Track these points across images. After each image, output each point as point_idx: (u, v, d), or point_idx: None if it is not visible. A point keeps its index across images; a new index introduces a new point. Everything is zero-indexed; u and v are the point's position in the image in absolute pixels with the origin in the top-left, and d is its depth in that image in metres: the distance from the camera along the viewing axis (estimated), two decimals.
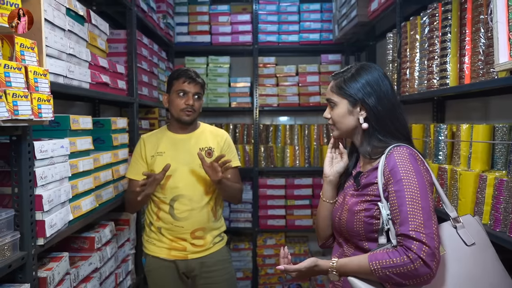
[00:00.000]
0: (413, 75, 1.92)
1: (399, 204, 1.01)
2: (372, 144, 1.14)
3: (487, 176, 1.37)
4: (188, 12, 3.26)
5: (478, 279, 1.02)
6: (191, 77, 1.77)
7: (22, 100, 0.93)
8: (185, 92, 1.76)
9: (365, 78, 1.16)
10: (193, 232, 1.78)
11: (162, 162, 1.74)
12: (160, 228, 1.80)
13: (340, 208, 1.21)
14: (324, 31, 3.25)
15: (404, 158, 1.07)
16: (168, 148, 1.80)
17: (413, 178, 1.03)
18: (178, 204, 1.77)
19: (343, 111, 1.17)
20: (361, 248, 1.14)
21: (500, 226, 1.30)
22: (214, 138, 1.87)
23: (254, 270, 3.28)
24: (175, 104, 1.78)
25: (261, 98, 3.30)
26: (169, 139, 1.83)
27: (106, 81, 1.71)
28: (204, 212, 1.79)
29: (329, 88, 1.22)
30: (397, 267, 0.94)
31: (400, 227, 0.98)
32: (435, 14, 1.70)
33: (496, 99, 1.72)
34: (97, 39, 1.67)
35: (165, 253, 1.79)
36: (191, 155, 1.77)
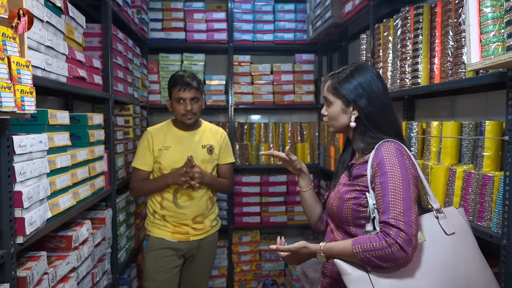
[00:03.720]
0: (386, 75, 2.01)
1: (383, 194, 1.08)
2: (364, 140, 1.23)
3: (457, 170, 1.47)
4: (162, 8, 3.21)
5: (455, 266, 1.09)
6: (186, 84, 1.94)
7: (5, 92, 0.90)
8: (183, 99, 1.96)
9: (358, 80, 1.23)
10: (194, 218, 2.04)
11: (168, 155, 2.01)
12: (165, 216, 2.04)
13: (333, 196, 1.29)
14: (298, 31, 3.32)
15: (391, 153, 1.14)
16: (174, 143, 2.02)
17: (397, 171, 1.11)
18: (181, 194, 2.02)
19: (338, 110, 1.26)
20: (349, 234, 1.22)
21: (469, 215, 1.40)
22: (214, 136, 2.11)
23: (230, 268, 3.29)
24: (176, 110, 2.00)
25: (236, 96, 3.32)
26: (175, 135, 2.05)
27: (83, 75, 1.67)
28: (203, 201, 2.06)
29: (326, 87, 1.30)
30: (376, 251, 1.01)
31: (382, 215, 1.06)
32: (407, 17, 1.79)
33: (462, 98, 1.84)
34: (74, 32, 1.62)
35: (169, 235, 2.04)
36: (194, 151, 2.02)
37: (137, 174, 2.05)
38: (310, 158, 3.37)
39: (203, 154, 2.06)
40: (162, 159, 2.00)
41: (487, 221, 1.31)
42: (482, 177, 1.34)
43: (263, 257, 3.32)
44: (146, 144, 2.02)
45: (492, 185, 1.30)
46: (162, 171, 2.03)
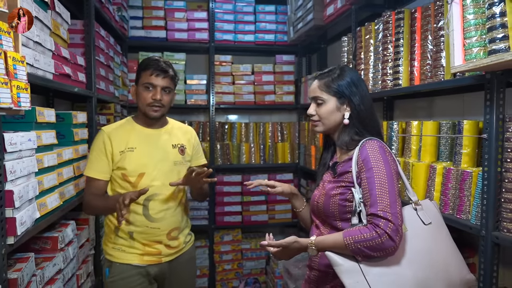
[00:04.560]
0: (368, 76, 2.08)
1: (370, 188, 1.14)
2: (351, 138, 1.27)
3: (437, 166, 1.56)
4: (142, 6, 3.17)
5: (434, 253, 1.18)
6: (161, 69, 1.60)
7: (3, 87, 0.88)
8: (153, 86, 1.61)
9: (350, 78, 1.28)
10: (169, 232, 1.66)
11: (134, 158, 1.61)
12: (132, 233, 1.62)
13: (318, 194, 1.33)
14: (279, 32, 3.37)
15: (375, 150, 1.20)
16: (139, 143, 1.64)
17: (382, 167, 1.17)
18: (154, 203, 1.62)
19: (332, 108, 1.28)
20: (335, 228, 1.26)
21: (449, 209, 1.49)
22: (184, 135, 1.78)
23: (211, 267, 3.29)
24: (141, 98, 1.63)
25: (218, 96, 3.32)
26: (139, 133, 1.67)
27: (68, 72, 1.63)
28: (178, 211, 1.70)
29: (316, 87, 1.31)
30: (367, 241, 1.06)
31: (370, 208, 1.11)
32: (388, 21, 1.87)
33: (440, 99, 1.94)
34: (59, 28, 1.58)
35: (137, 259, 1.62)
36: (164, 151, 1.67)
37: (91, 184, 1.63)
38: (290, 157, 3.43)
39: (174, 154, 1.71)
40: (127, 163, 1.60)
41: (466, 214, 1.40)
42: (461, 173, 1.43)
43: (245, 256, 3.34)
44: (101, 147, 1.61)
45: (471, 180, 1.39)
46: (128, 178, 1.61)
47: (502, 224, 1.21)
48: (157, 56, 1.69)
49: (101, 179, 1.61)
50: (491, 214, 1.25)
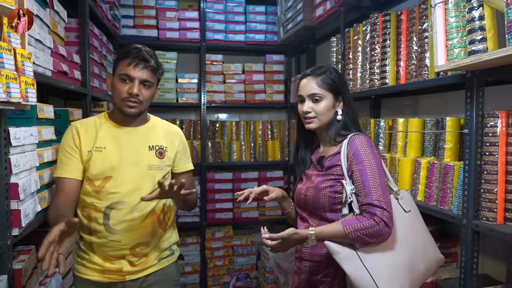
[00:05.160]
0: (356, 75, 2.17)
1: (363, 180, 1.21)
2: (339, 133, 1.35)
3: (422, 161, 1.65)
4: (134, 5, 3.19)
5: (415, 237, 1.29)
6: (141, 59, 1.37)
7: (13, 83, 0.91)
8: (130, 78, 1.37)
9: (342, 77, 1.37)
10: (133, 247, 1.41)
11: (101, 159, 1.38)
12: (92, 244, 1.41)
13: (304, 188, 1.38)
14: (269, 32, 3.44)
15: (364, 144, 1.28)
16: (109, 142, 1.42)
17: (372, 160, 1.25)
18: (115, 213, 1.38)
19: (329, 104, 1.34)
20: (324, 219, 1.32)
21: (433, 201, 1.58)
22: (167, 136, 1.53)
23: (203, 263, 3.33)
24: (116, 91, 1.39)
25: (209, 95, 3.37)
26: (110, 131, 1.44)
27: (65, 70, 1.66)
28: (148, 223, 1.43)
29: (314, 84, 1.33)
30: (366, 229, 1.14)
31: (365, 198, 1.19)
32: (376, 23, 1.95)
33: (424, 98, 2.03)
34: (57, 26, 1.61)
35: (98, 275, 1.41)
36: (138, 153, 1.43)
37: (62, 187, 1.36)
38: (280, 155, 3.50)
39: (150, 157, 1.45)
40: (92, 164, 1.38)
41: (449, 205, 1.49)
42: (444, 167, 1.52)
43: (236, 252, 3.40)
44: (71, 144, 1.39)
45: (453, 173, 1.48)
46: (92, 182, 1.39)
47: (482, 213, 1.30)
48: (139, 45, 1.43)
49: (73, 178, 1.37)
50: (471, 204, 1.34)
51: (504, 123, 1.25)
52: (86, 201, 1.41)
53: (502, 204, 1.27)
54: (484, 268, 1.63)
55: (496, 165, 1.26)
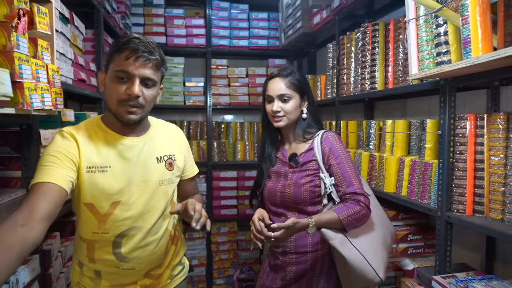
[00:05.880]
0: (350, 80, 2.33)
1: (342, 172, 1.39)
2: (308, 130, 1.50)
3: (405, 159, 1.80)
4: (144, 13, 3.39)
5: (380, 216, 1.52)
6: (143, 50, 1.08)
7: (46, 93, 1.10)
8: (129, 76, 1.08)
9: (305, 78, 1.53)
10: (148, 272, 1.26)
11: (107, 182, 1.13)
12: (99, 272, 1.21)
13: (279, 186, 1.49)
14: (271, 38, 3.61)
15: (337, 140, 1.47)
16: (113, 159, 1.15)
17: (346, 154, 1.44)
18: (128, 240, 1.18)
19: (297, 104, 1.49)
20: (304, 212, 1.46)
21: (414, 196, 1.73)
22: (173, 141, 1.32)
23: (208, 257, 3.52)
24: (111, 92, 1.11)
25: (214, 97, 3.56)
26: (113, 144, 1.16)
27: (83, 77, 1.85)
28: (162, 244, 1.27)
29: (283, 85, 1.46)
30: (355, 214, 1.33)
31: (348, 188, 1.37)
32: (366, 32, 2.11)
33: (411, 101, 2.19)
34: (77, 39, 1.80)
35: None
36: (146, 169, 1.20)
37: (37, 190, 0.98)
38: None
39: (160, 172, 1.24)
40: (94, 190, 1.12)
41: (428, 199, 1.64)
42: (424, 164, 1.67)
43: (240, 247, 3.58)
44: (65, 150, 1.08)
45: (431, 171, 1.63)
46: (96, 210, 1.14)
47: (453, 205, 1.46)
48: (137, 34, 1.14)
49: (56, 184, 1.00)
50: (444, 198, 1.49)
51: (472, 125, 1.40)
52: (87, 230, 1.17)
53: (471, 198, 1.42)
54: (463, 257, 1.78)
55: (465, 163, 1.41)
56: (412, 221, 1.96)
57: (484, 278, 1.39)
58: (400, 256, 1.86)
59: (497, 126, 1.31)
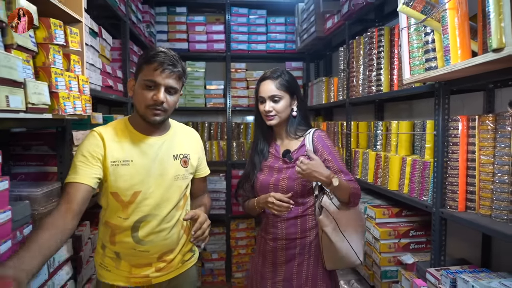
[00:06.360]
0: (358, 82, 2.43)
1: (338, 165, 1.58)
2: (299, 128, 1.65)
3: (407, 158, 1.89)
4: (167, 21, 3.62)
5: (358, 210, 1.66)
6: (169, 63, 1.29)
7: (77, 101, 1.30)
8: (155, 84, 1.29)
9: (294, 79, 1.66)
10: (161, 256, 1.43)
11: (127, 174, 1.32)
12: (119, 254, 1.39)
13: (273, 179, 1.61)
14: (288, 41, 3.74)
15: (326, 137, 1.64)
16: (135, 154, 1.35)
17: (335, 148, 1.63)
18: (145, 225, 1.37)
19: (287, 103, 1.61)
20: (296, 203, 1.60)
21: (414, 193, 1.82)
22: (189, 142, 1.52)
23: (228, 251, 3.70)
24: (140, 98, 1.31)
25: (234, 99, 3.73)
26: (136, 142, 1.37)
27: (111, 84, 2.07)
28: (174, 232, 1.44)
29: (273, 87, 1.57)
30: (357, 189, 1.55)
31: (345, 177, 1.56)
32: (372, 37, 2.21)
33: (417, 102, 2.26)
34: (105, 50, 2.02)
35: (124, 280, 1.41)
36: (164, 164, 1.40)
37: (69, 190, 1.23)
38: None
39: (176, 168, 1.43)
40: (118, 178, 1.32)
41: (426, 196, 1.73)
42: (422, 163, 1.76)
43: None
44: (91, 150, 1.30)
45: (429, 169, 1.72)
46: (120, 198, 1.34)
47: (447, 202, 1.54)
48: (163, 48, 1.35)
49: (86, 184, 1.25)
50: (439, 195, 1.58)
51: (465, 126, 1.48)
52: (111, 215, 1.37)
53: (463, 195, 1.50)
54: (462, 253, 1.85)
55: (457, 162, 1.49)
56: (416, 218, 2.04)
57: (475, 271, 1.47)
58: (402, 251, 1.95)
59: (486, 127, 1.39)
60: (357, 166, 2.42)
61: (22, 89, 0.98)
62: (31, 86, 1.01)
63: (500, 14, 0.93)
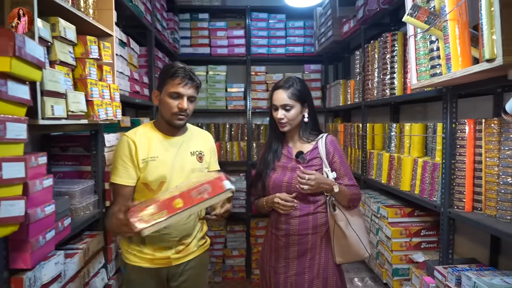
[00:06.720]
0: (373, 85, 2.49)
1: (344, 169, 1.72)
2: (311, 132, 1.78)
3: (418, 160, 1.95)
4: (190, 27, 3.78)
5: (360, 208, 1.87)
6: (189, 78, 1.58)
7: (109, 107, 1.46)
8: (180, 95, 1.58)
9: (306, 87, 1.77)
10: (180, 239, 1.67)
11: (154, 167, 1.59)
12: (144, 239, 1.62)
13: (285, 177, 1.72)
14: (307, 44, 3.82)
15: (338, 142, 1.78)
16: (160, 152, 1.62)
17: (344, 154, 1.78)
18: None
19: (297, 112, 1.72)
20: (307, 200, 1.70)
21: (425, 194, 1.88)
22: (202, 141, 1.78)
23: (248, 249, 3.82)
24: (166, 106, 1.59)
25: (254, 102, 3.85)
26: (160, 141, 1.64)
27: (138, 89, 2.23)
28: (192, 218, 1.68)
29: (285, 96, 1.68)
30: (357, 195, 1.71)
31: (349, 181, 1.71)
32: (386, 41, 2.27)
33: (431, 105, 2.31)
34: (132, 58, 2.18)
35: (148, 262, 1.63)
36: (183, 159, 1.66)
37: (119, 192, 1.57)
38: None
39: (192, 162, 1.69)
40: (148, 172, 1.58)
41: (436, 197, 1.79)
42: (433, 165, 1.82)
43: None
44: (127, 153, 1.57)
45: (439, 170, 1.77)
46: (150, 187, 1.61)
47: (455, 202, 1.60)
48: (181, 63, 1.64)
49: (128, 185, 1.58)
50: (447, 195, 1.64)
51: (471, 130, 1.54)
52: None
53: (470, 196, 1.55)
54: (472, 252, 1.89)
55: (464, 164, 1.55)
56: (428, 218, 2.09)
57: (481, 269, 1.52)
58: (413, 250, 2.01)
59: (492, 130, 1.45)
60: (372, 167, 2.48)
61: (64, 99, 1.13)
62: (71, 96, 1.17)
63: (492, 27, 1.00)
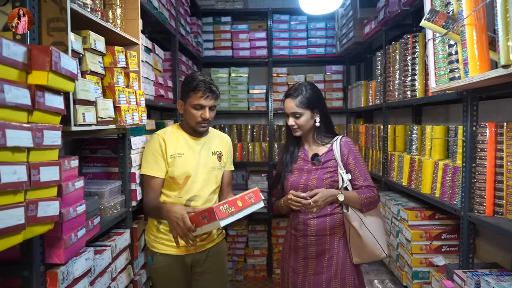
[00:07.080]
0: (394, 87, 2.48)
1: (359, 170, 1.73)
2: (325, 135, 1.81)
3: (439, 163, 1.94)
4: (213, 31, 3.87)
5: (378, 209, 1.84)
6: (210, 91, 1.76)
7: (135, 112, 1.54)
8: (202, 107, 1.77)
9: (316, 93, 1.79)
10: None
11: (181, 163, 1.80)
12: None
13: (303, 180, 1.76)
14: (328, 45, 3.83)
15: (353, 144, 1.79)
16: (186, 150, 1.83)
17: (360, 155, 1.78)
18: (194, 203, 1.82)
19: (307, 118, 1.76)
20: None
21: (446, 197, 1.87)
22: (221, 143, 1.98)
23: (269, 248, 3.87)
24: (191, 116, 1.79)
25: (275, 103, 3.89)
26: (186, 141, 1.86)
27: (162, 93, 2.32)
28: None
29: (293, 104, 1.73)
30: (370, 198, 1.68)
31: (364, 182, 1.72)
32: (407, 43, 2.26)
33: (453, 106, 2.27)
34: (157, 64, 2.28)
35: (175, 250, 1.79)
36: (206, 158, 1.87)
37: (149, 183, 1.79)
38: None
39: (213, 161, 1.90)
40: (175, 167, 1.79)
41: (456, 200, 1.77)
42: (453, 168, 1.80)
43: None
44: (157, 149, 1.79)
45: (459, 174, 1.76)
46: (176, 181, 1.80)
47: (475, 206, 1.59)
48: (200, 75, 1.80)
49: (158, 177, 1.78)
50: (467, 199, 1.62)
51: (493, 133, 1.52)
52: (170, 195, 1.82)
53: (491, 200, 1.54)
54: (495, 257, 1.86)
55: (485, 167, 1.54)
56: (449, 221, 2.07)
57: (502, 274, 1.50)
58: (434, 253, 2.00)
59: None
60: (393, 169, 2.47)
61: (94, 107, 1.22)
62: (100, 103, 1.25)
63: (507, 33, 1.01)
